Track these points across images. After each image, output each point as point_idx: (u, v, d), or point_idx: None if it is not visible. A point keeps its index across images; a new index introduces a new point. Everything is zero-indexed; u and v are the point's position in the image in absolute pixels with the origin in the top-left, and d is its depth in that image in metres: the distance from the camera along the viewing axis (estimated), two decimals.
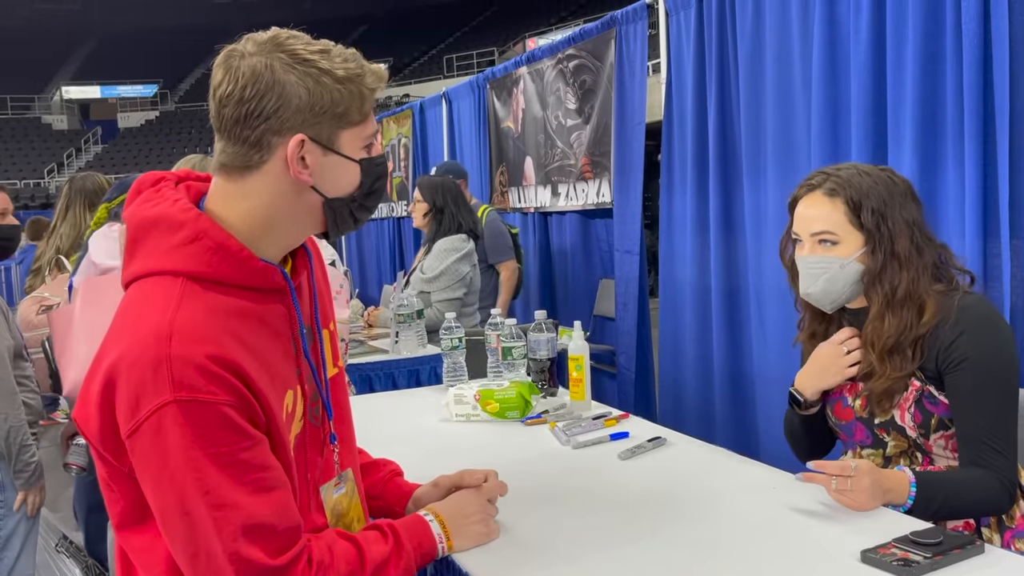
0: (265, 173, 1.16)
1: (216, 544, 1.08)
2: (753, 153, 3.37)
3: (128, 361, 1.08)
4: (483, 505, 1.43)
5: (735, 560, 1.34)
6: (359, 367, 3.15)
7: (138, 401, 1.07)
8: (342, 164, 1.18)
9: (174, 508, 1.08)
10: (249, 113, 1.12)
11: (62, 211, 3.25)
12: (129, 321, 1.13)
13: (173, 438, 1.06)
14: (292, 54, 1.13)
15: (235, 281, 1.15)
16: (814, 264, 1.69)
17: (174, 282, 1.13)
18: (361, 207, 1.23)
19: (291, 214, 1.19)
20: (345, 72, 1.15)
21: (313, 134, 1.15)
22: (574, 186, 4.93)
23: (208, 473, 1.07)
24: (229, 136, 1.15)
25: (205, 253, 1.14)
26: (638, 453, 1.87)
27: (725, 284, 3.59)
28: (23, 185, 27.98)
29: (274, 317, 1.21)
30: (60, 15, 34.09)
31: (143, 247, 1.17)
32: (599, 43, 4.53)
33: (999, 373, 1.60)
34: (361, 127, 1.19)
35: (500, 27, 30.60)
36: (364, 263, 8.68)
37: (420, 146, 7.12)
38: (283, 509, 1.13)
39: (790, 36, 3.12)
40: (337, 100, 1.14)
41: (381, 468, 1.56)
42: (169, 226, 1.15)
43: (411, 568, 1.26)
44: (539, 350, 2.39)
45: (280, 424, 1.17)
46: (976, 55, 2.41)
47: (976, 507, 1.59)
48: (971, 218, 2.46)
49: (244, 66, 1.12)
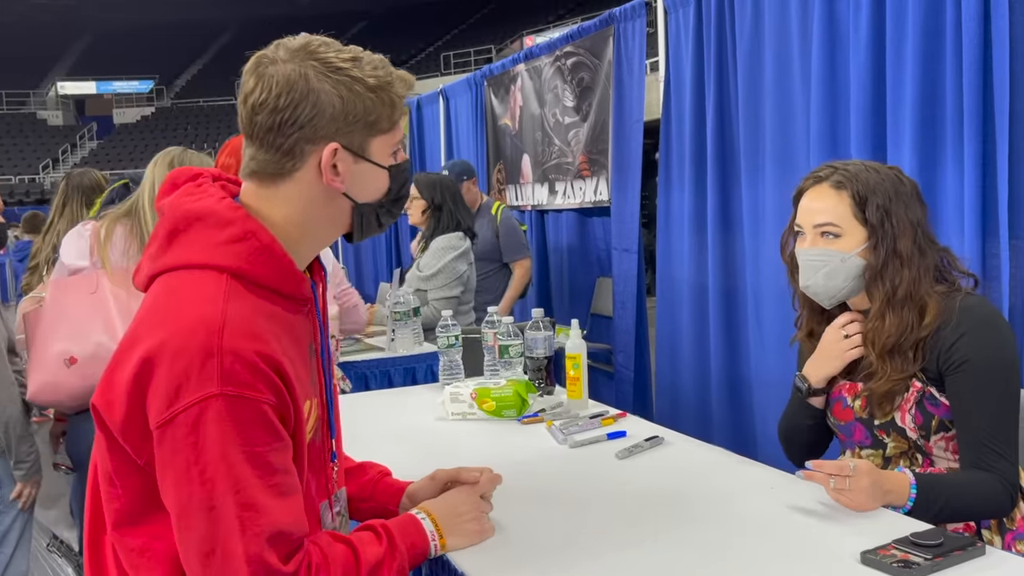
0: (298, 180, 1.17)
1: (237, 544, 1.06)
2: (751, 152, 3.36)
3: (173, 348, 1.06)
4: (476, 503, 1.42)
5: (733, 561, 1.33)
6: (355, 365, 3.14)
7: (179, 390, 1.05)
8: (372, 171, 1.20)
9: (200, 503, 1.06)
10: (284, 121, 1.13)
11: (59, 207, 3.23)
12: (172, 309, 1.11)
13: (212, 432, 1.05)
14: (325, 62, 1.14)
15: (272, 285, 1.16)
16: (815, 256, 1.68)
17: (219, 277, 1.12)
18: (388, 212, 1.25)
19: (322, 220, 1.20)
20: (376, 80, 1.16)
21: (346, 142, 1.16)
22: (571, 184, 4.92)
23: (242, 471, 1.06)
24: (262, 143, 1.16)
25: (252, 253, 1.14)
26: (635, 452, 1.86)
27: (723, 283, 3.58)
28: (18, 181, 27.92)
29: (298, 326, 1.21)
30: (55, 10, 33.99)
31: (184, 239, 1.16)
32: (597, 40, 4.52)
33: (1000, 375, 1.59)
34: (391, 134, 1.21)
35: (498, 25, 30.56)
36: (361, 261, 8.66)
37: (417, 143, 7.11)
38: (299, 515, 1.13)
39: (789, 34, 3.11)
40: (369, 109, 1.16)
41: (368, 471, 1.55)
42: (218, 222, 1.15)
43: (404, 568, 1.25)
44: (536, 348, 2.37)
45: (304, 431, 1.17)
46: (976, 54, 2.40)
47: (977, 509, 1.59)
48: (970, 218, 2.45)
49: (278, 74, 1.13)
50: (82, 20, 35.95)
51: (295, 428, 1.15)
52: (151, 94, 36.32)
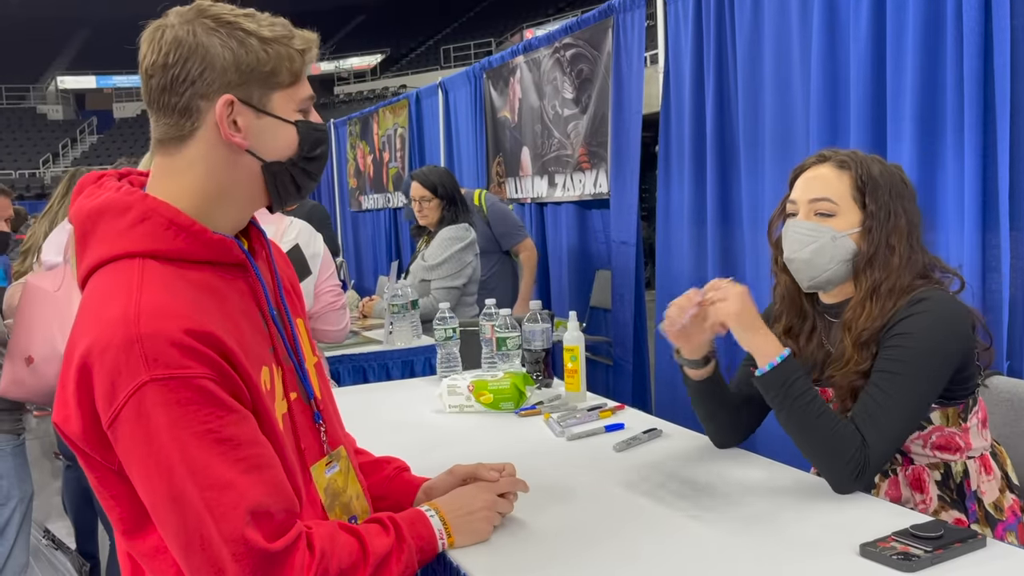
0: (199, 140, 1.15)
1: (210, 528, 1.02)
2: (751, 144, 3.35)
3: (99, 348, 1.05)
4: (490, 500, 1.38)
5: (732, 553, 1.32)
6: (353, 358, 3.14)
7: (114, 387, 1.03)
8: (277, 126, 1.17)
9: (164, 495, 1.04)
10: (175, 79, 1.12)
11: (59, 195, 3.23)
12: (94, 310, 1.10)
13: (155, 419, 1.03)
14: (215, 18, 1.13)
15: (193, 256, 1.13)
16: (805, 230, 1.62)
17: (131, 264, 1.11)
18: (303, 172, 1.21)
19: (232, 182, 1.17)
20: (271, 33, 1.14)
21: (242, 95, 1.14)
22: (571, 177, 4.91)
23: (194, 453, 1.03)
24: (159, 107, 1.14)
25: (157, 230, 1.12)
26: (633, 445, 1.85)
27: (722, 275, 3.52)
28: (18, 176, 27.92)
29: (239, 294, 1.19)
30: (55, 4, 33.91)
31: (93, 237, 1.14)
32: (596, 31, 4.50)
33: (922, 351, 1.52)
34: (293, 89, 1.18)
35: (498, 18, 30.51)
36: (360, 254, 8.66)
37: (416, 137, 7.09)
38: (278, 489, 1.09)
39: (789, 25, 3.10)
40: (263, 60, 1.13)
41: (384, 466, 1.51)
42: (117, 211, 1.13)
43: (412, 562, 1.22)
44: (534, 341, 2.36)
45: (265, 399, 1.14)
46: (977, 44, 2.39)
47: (825, 446, 1.49)
48: (970, 209, 2.44)
49: (168, 35, 1.12)
50: (82, 14, 35.88)
51: (253, 398, 1.12)
52: None
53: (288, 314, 1.28)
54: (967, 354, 1.59)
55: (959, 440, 1.62)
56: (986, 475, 1.63)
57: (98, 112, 34.25)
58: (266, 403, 1.14)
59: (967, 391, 1.62)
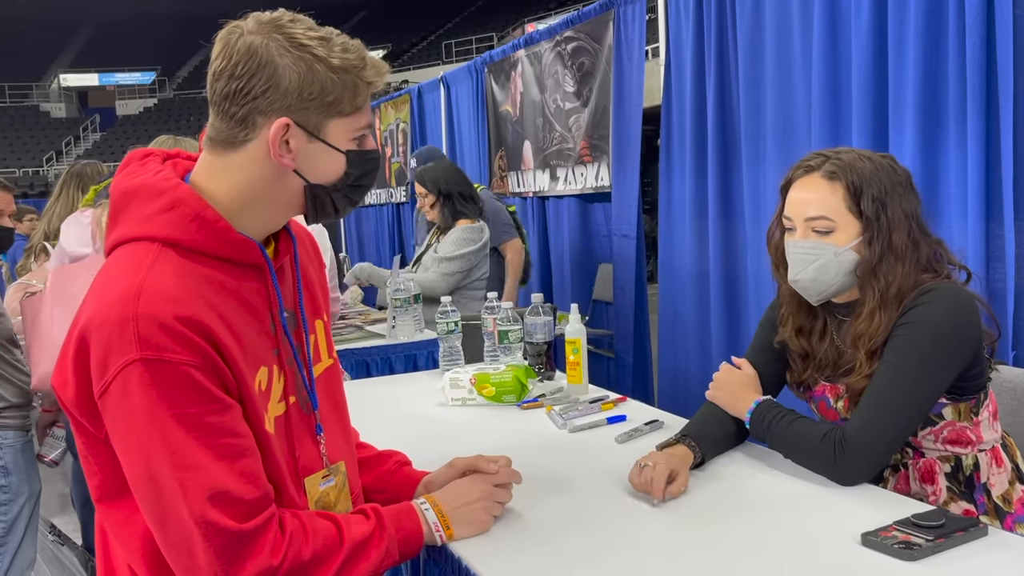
0: (249, 151, 1.16)
1: (182, 507, 1.06)
2: (752, 137, 3.34)
3: (97, 321, 1.08)
4: (488, 491, 1.39)
5: (733, 542, 1.32)
6: (355, 352, 3.13)
7: (106, 360, 1.07)
8: (327, 153, 1.18)
9: (141, 470, 1.08)
10: (238, 90, 1.13)
11: (57, 193, 3.27)
12: (102, 285, 1.13)
13: (139, 397, 1.06)
14: (290, 37, 1.14)
15: (211, 251, 1.16)
16: (807, 249, 1.59)
17: (149, 247, 1.14)
18: (344, 198, 1.23)
19: (271, 194, 1.19)
20: (341, 62, 1.15)
21: (299, 119, 1.15)
22: (573, 170, 4.90)
23: (173, 434, 1.06)
24: (218, 110, 1.16)
25: (183, 220, 1.14)
26: (635, 436, 1.85)
27: (724, 269, 3.57)
28: (21, 173, 27.93)
29: (250, 294, 1.20)
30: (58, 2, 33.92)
31: (123, 215, 1.18)
32: (597, 25, 4.49)
33: (923, 347, 1.51)
34: (352, 118, 1.19)
35: (499, 13, 30.43)
36: (363, 249, 8.66)
37: (418, 131, 7.09)
38: (251, 477, 1.11)
39: (790, 17, 3.09)
40: (328, 88, 1.14)
41: (386, 460, 1.52)
42: (149, 195, 1.16)
43: (393, 553, 1.24)
44: (536, 334, 2.36)
45: (253, 394, 1.16)
46: (979, 34, 2.38)
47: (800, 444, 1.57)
48: (974, 200, 2.43)
49: (241, 43, 1.13)
50: (85, 11, 35.88)
51: (241, 391, 1.14)
52: (153, 85, 36.31)
53: (305, 318, 1.29)
54: (977, 345, 1.57)
55: (970, 434, 1.61)
56: (997, 467, 1.62)
57: (101, 110, 34.25)
58: (255, 401, 1.16)
59: (978, 386, 1.61)
